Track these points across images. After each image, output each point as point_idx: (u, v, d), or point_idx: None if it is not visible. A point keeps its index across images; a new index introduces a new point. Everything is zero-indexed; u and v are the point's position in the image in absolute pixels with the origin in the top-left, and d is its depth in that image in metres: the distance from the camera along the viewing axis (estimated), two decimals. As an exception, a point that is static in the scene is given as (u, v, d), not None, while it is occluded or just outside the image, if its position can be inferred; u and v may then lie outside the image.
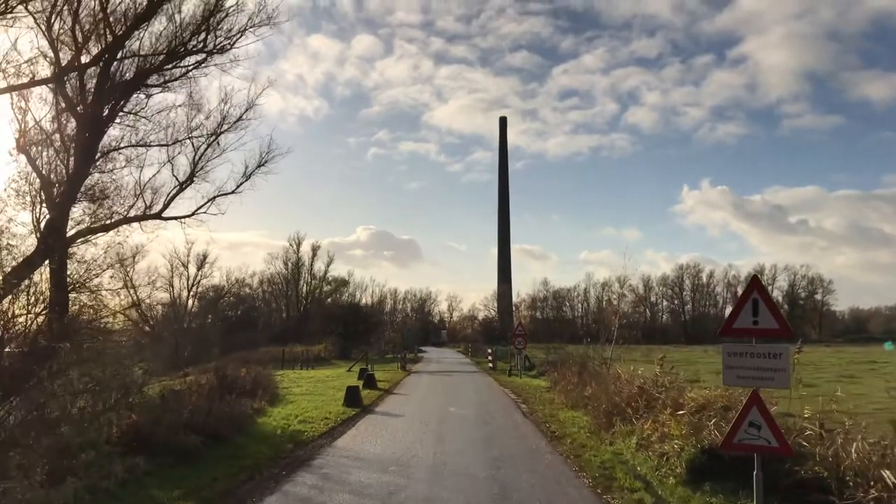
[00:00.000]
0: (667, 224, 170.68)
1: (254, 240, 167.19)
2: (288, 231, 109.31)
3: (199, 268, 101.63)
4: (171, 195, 26.62)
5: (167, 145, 25.17)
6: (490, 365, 40.14)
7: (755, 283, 7.90)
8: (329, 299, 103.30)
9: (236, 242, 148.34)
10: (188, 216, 27.33)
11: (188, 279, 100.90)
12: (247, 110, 27.87)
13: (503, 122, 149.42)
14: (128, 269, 21.68)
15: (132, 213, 25.79)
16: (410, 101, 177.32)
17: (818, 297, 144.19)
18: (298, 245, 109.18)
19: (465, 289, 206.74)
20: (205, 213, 27.71)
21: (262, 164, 28.38)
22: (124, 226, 25.50)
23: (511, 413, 19.31)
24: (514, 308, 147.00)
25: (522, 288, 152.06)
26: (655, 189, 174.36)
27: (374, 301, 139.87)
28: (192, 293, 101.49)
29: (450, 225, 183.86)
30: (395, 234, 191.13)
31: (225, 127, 27.55)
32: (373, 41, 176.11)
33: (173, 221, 27.14)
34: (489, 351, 42.88)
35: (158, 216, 26.66)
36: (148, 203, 26.14)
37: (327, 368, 45.66)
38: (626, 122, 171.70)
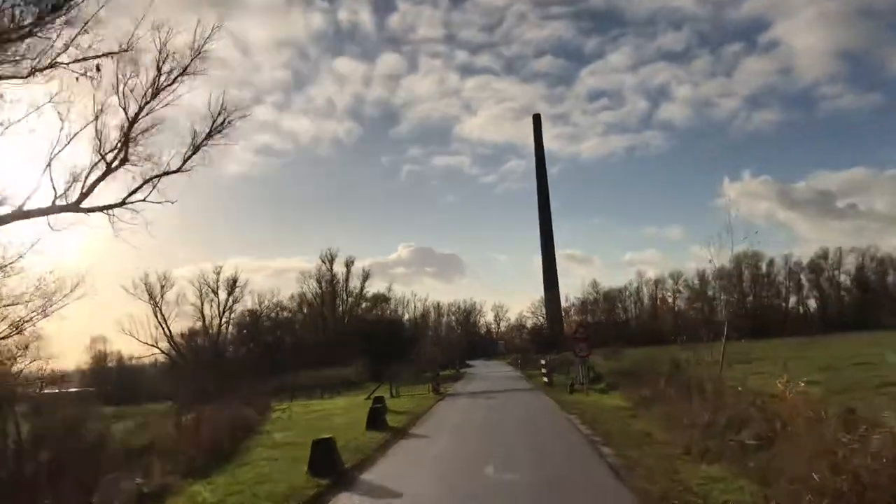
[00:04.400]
0: (711, 218, 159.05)
1: (299, 265, 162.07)
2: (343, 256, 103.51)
3: (230, 293, 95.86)
4: (89, 179, 18.99)
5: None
6: (545, 379, 31.55)
7: None
8: (367, 317, 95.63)
9: (282, 269, 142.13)
10: (117, 205, 19.63)
11: (219, 305, 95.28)
12: (193, 59, 20.28)
13: (537, 119, 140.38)
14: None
15: (37, 205, 18.12)
16: (439, 115, 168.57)
17: (890, 279, 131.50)
18: (331, 262, 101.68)
19: (510, 299, 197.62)
20: (143, 200, 19.92)
21: (216, 132, 20.49)
22: (26, 220, 17.92)
23: (595, 472, 10.71)
24: (563, 314, 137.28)
25: (570, 292, 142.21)
26: (695, 184, 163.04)
27: (416, 316, 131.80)
28: (223, 319, 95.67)
29: (489, 236, 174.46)
30: (436, 249, 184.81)
31: (165, 82, 20.00)
32: (397, 59, 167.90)
33: (98, 214, 19.44)
34: (542, 362, 34.11)
35: (76, 207, 18.94)
36: (61, 192, 18.48)
37: (351, 394, 37.44)
38: (659, 119, 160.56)
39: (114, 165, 18.78)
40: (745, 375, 18.33)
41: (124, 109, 18.63)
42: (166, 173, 19.69)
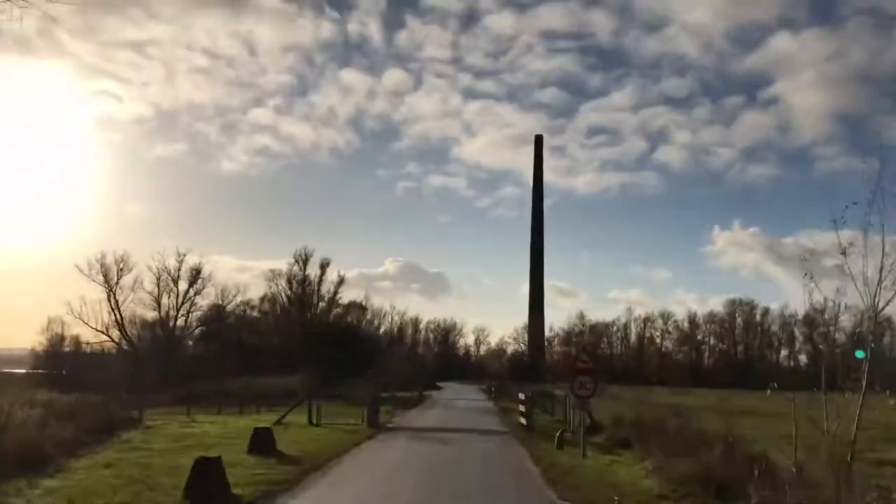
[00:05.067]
0: (697, 264, 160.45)
1: (287, 268, 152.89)
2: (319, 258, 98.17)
3: (191, 283, 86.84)
4: None
5: None
6: (522, 420, 23.01)
7: None
8: (343, 326, 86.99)
9: (267, 271, 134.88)
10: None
11: (177, 296, 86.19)
12: None
13: (539, 140, 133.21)
14: None
15: None
16: (439, 134, 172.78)
17: (886, 340, 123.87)
18: (305, 262, 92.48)
19: (493, 324, 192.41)
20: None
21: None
22: None
23: None
24: (546, 343, 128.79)
25: (554, 323, 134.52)
26: (685, 229, 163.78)
27: (392, 329, 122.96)
28: (180, 311, 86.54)
29: (478, 259, 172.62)
30: (424, 266, 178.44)
31: None
32: (403, 75, 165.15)
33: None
34: (521, 396, 25.77)
35: None
36: None
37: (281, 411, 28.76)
38: (656, 161, 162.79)
39: None
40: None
41: None
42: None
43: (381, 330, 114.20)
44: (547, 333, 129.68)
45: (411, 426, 23.48)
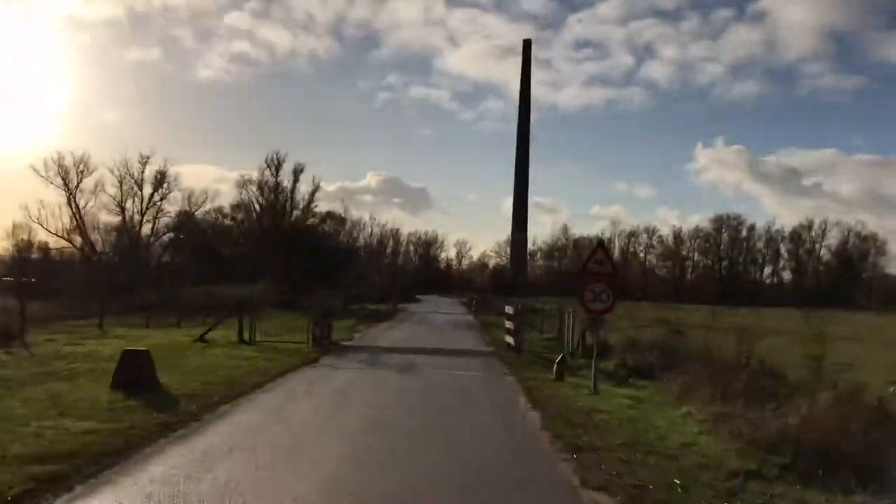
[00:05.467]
0: (680, 181, 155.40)
1: (258, 175, 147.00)
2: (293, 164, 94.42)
3: (156, 188, 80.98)
4: None
5: None
6: (509, 339, 18.40)
7: None
8: (317, 235, 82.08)
9: (239, 175, 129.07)
10: None
11: (142, 201, 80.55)
12: None
13: (527, 45, 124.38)
14: None
15: None
16: (422, 44, 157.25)
17: (871, 258, 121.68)
18: (277, 168, 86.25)
19: (475, 238, 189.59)
20: None
21: None
22: None
23: None
24: (528, 258, 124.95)
25: (537, 238, 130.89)
26: (670, 145, 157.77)
27: (373, 242, 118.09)
28: (145, 217, 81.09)
29: (461, 174, 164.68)
30: (406, 181, 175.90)
31: None
32: None
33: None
34: (508, 310, 20.30)
35: None
36: None
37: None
38: (642, 76, 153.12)
39: None
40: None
41: None
42: None
43: (360, 242, 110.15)
44: (530, 248, 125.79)
45: (373, 345, 18.90)
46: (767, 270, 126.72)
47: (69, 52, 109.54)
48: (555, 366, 13.73)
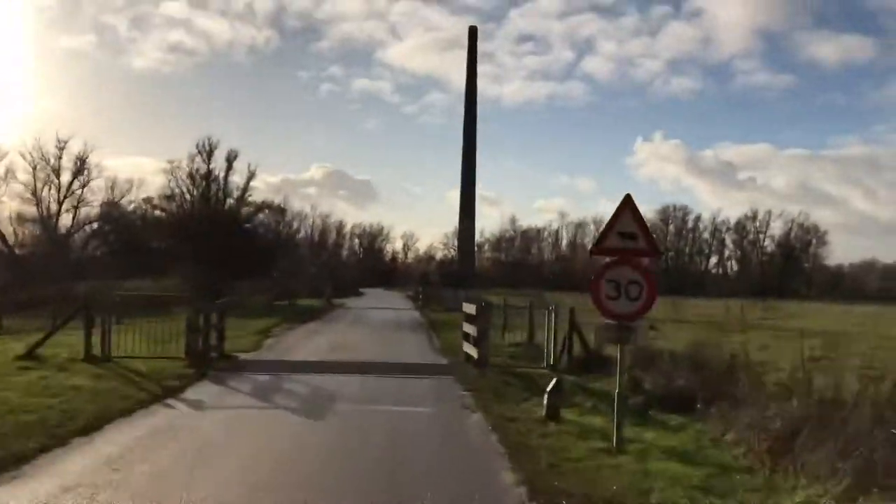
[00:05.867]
0: (620, 175, 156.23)
1: (188, 161, 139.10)
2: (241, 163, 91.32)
3: (76, 175, 73.12)
4: None
5: None
6: (470, 348, 13.26)
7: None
8: (248, 224, 75.58)
9: (167, 162, 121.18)
10: None
11: (59, 189, 72.60)
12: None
13: (472, 32, 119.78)
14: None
15: None
16: (364, 36, 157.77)
17: (812, 249, 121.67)
18: (209, 155, 79.14)
19: (422, 232, 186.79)
20: None
21: None
22: None
23: None
24: (476, 249, 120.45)
25: (484, 230, 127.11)
26: (610, 139, 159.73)
27: (314, 234, 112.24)
28: (63, 207, 73.18)
29: (406, 167, 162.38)
30: (351, 173, 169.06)
31: None
32: None
33: None
34: (469, 310, 14.17)
35: None
36: None
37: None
38: (582, 71, 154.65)
39: None
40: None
41: None
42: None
43: (301, 234, 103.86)
44: (477, 240, 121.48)
45: (282, 359, 13.61)
46: (713, 261, 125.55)
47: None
48: (545, 396, 8.78)
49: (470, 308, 13.42)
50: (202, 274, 34.46)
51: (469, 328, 13.35)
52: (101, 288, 25.41)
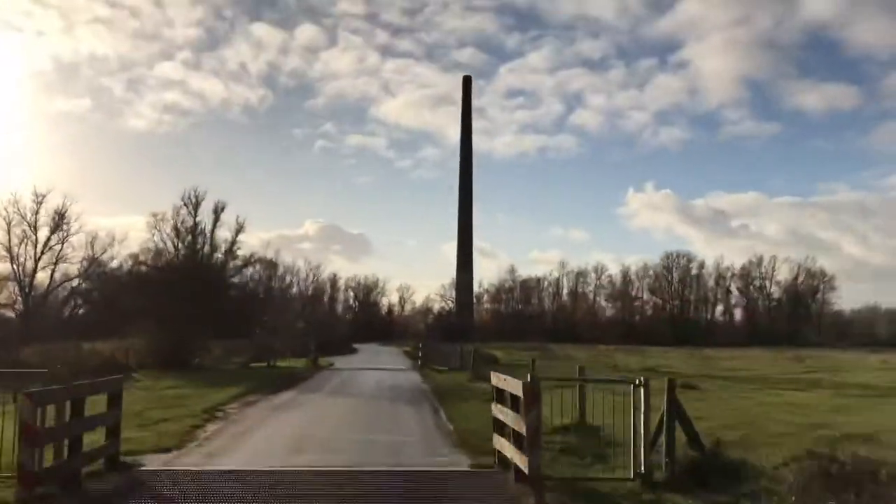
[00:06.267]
0: (613, 226, 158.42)
1: (173, 213, 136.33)
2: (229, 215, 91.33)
3: (54, 230, 68.44)
4: None
5: None
6: (508, 449, 8.23)
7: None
8: (234, 279, 70.72)
9: (150, 215, 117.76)
10: None
11: (35, 246, 67.78)
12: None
13: (467, 81, 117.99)
14: None
15: None
16: (357, 93, 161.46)
17: (819, 295, 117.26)
18: (195, 206, 74.76)
19: (418, 284, 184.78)
20: None
21: None
22: None
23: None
24: (475, 300, 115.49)
25: (482, 281, 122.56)
26: (601, 191, 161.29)
27: (309, 289, 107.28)
28: (39, 264, 68.23)
29: (400, 220, 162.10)
30: (345, 227, 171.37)
31: None
32: (316, 31, 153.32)
33: None
34: (504, 387, 8.46)
35: None
36: None
37: None
38: (573, 124, 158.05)
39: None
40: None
41: None
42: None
43: (294, 289, 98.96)
44: (475, 290, 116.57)
45: (206, 467, 8.49)
46: (719, 309, 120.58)
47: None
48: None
49: (506, 382, 8.42)
50: (168, 334, 29.43)
51: (505, 414, 8.36)
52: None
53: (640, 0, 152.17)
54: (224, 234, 72.65)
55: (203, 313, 31.73)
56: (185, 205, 73.14)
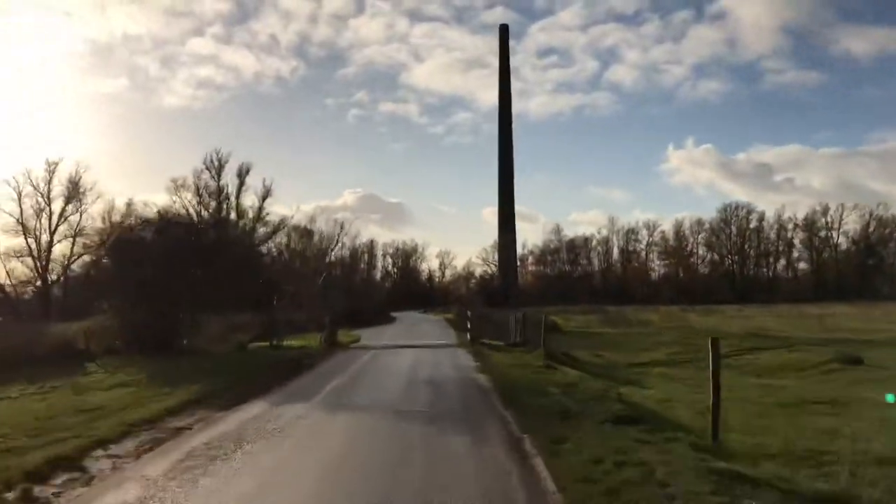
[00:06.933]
0: (653, 184, 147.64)
1: (194, 177, 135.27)
2: (280, 194, 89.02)
3: (69, 201, 62.84)
4: None
5: None
6: None
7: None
8: (263, 248, 64.39)
9: (170, 180, 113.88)
10: None
11: (49, 217, 62.34)
12: None
13: (504, 31, 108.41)
14: None
15: None
16: (387, 60, 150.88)
17: (893, 245, 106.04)
18: (219, 171, 68.35)
19: (457, 251, 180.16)
20: None
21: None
22: None
23: None
24: (518, 262, 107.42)
25: (525, 240, 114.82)
26: (640, 148, 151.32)
27: (345, 255, 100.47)
28: (55, 237, 62.83)
29: (437, 187, 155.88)
30: (383, 196, 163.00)
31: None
32: None
33: None
34: None
35: None
36: None
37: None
38: (608, 81, 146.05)
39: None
40: None
41: None
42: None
43: (330, 257, 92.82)
44: (520, 251, 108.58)
45: None
46: (781, 263, 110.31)
47: (34, 87, 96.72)
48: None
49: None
50: (146, 310, 22.63)
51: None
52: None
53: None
54: (252, 199, 65.93)
55: (204, 283, 24.79)
56: (206, 168, 66.45)
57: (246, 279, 27.76)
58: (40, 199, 59.45)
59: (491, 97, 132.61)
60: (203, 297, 25.28)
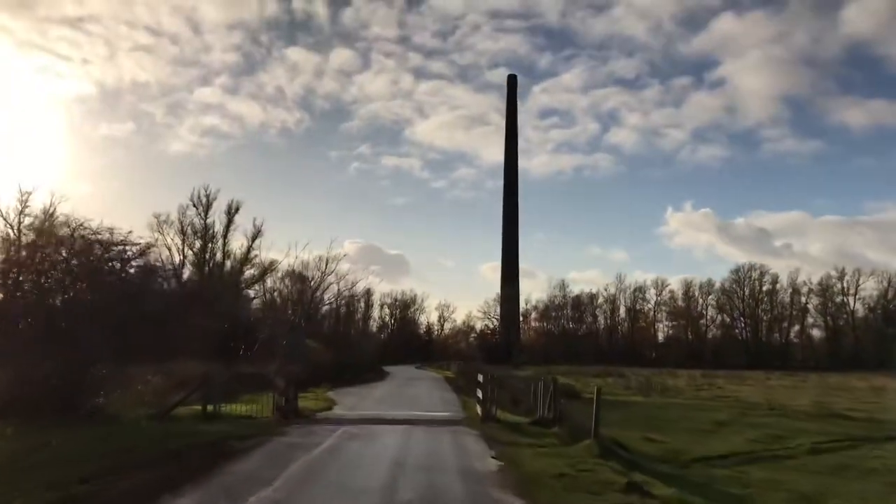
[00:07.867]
0: (652, 245, 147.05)
1: (178, 214, 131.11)
2: (279, 244, 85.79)
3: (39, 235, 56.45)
4: None
5: None
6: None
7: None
8: (250, 289, 58.30)
9: (152, 216, 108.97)
10: None
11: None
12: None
13: (512, 81, 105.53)
14: None
15: None
16: (391, 115, 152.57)
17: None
18: (206, 208, 62.11)
19: (457, 304, 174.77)
20: None
21: None
22: None
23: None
24: (521, 318, 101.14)
25: (529, 295, 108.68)
26: (640, 210, 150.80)
27: (340, 306, 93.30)
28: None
29: (437, 241, 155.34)
30: (383, 248, 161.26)
31: None
32: (350, 55, 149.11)
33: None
34: None
35: None
36: None
37: None
38: (608, 143, 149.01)
39: None
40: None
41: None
42: None
43: (324, 307, 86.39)
44: (523, 307, 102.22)
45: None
46: (796, 328, 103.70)
47: (40, 128, 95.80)
48: None
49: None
50: (46, 364, 16.29)
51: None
52: None
53: (674, 19, 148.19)
54: (241, 241, 59.94)
55: (132, 326, 18.56)
56: (193, 205, 60.39)
57: (192, 324, 21.64)
58: (9, 232, 53.66)
59: (493, 154, 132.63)
60: (134, 344, 19.08)
